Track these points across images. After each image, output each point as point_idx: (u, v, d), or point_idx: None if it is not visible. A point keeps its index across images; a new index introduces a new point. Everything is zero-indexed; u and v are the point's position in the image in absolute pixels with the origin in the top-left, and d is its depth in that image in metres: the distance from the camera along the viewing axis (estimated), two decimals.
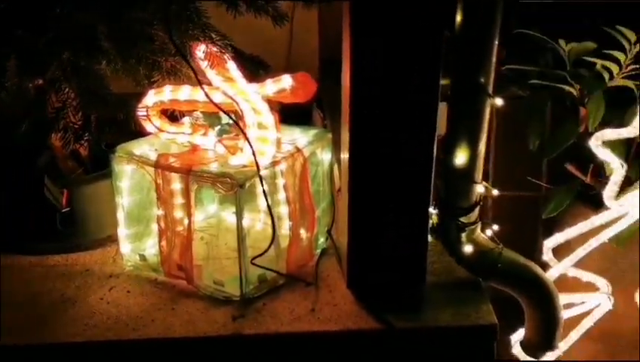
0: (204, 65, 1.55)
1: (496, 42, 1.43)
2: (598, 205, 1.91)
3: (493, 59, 1.45)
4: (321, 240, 1.76)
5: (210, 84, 1.57)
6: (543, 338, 1.68)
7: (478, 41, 1.43)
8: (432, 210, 1.55)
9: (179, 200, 1.58)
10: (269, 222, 1.57)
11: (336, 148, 1.70)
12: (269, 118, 1.52)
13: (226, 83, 1.57)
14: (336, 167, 1.74)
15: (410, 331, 1.50)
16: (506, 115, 2.52)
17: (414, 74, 1.38)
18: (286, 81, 1.58)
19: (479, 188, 1.55)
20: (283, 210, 1.63)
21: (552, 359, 1.96)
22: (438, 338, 1.52)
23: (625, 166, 1.82)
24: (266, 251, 1.54)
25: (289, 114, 1.82)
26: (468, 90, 1.46)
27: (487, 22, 1.42)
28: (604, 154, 1.79)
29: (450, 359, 1.53)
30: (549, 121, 2.31)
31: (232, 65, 1.57)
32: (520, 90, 2.13)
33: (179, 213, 1.58)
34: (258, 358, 1.51)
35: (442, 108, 1.46)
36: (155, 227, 1.65)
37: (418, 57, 1.37)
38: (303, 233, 1.67)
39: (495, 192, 1.61)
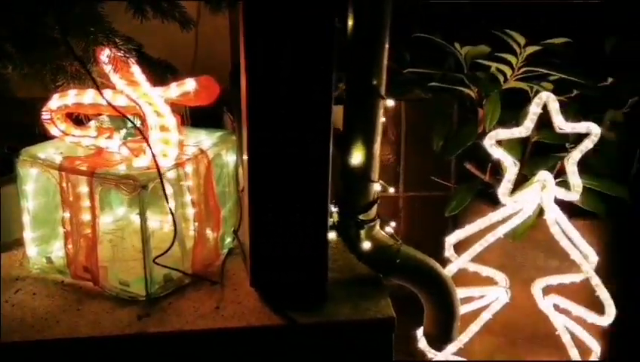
0: (108, 69, 1.57)
1: (387, 45, 1.48)
2: (497, 202, 1.98)
3: (385, 62, 1.50)
4: (228, 240, 1.79)
5: (115, 87, 1.59)
6: (442, 331, 1.73)
7: (369, 44, 1.47)
8: (332, 209, 1.59)
9: (84, 202, 1.58)
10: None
11: (240, 149, 1.73)
12: (171, 120, 1.54)
13: (130, 86, 1.58)
14: (241, 168, 1.77)
15: (312, 326, 1.53)
16: (413, 118, 2.62)
17: (308, 76, 1.40)
18: (190, 84, 1.61)
19: (376, 187, 1.59)
20: (189, 211, 1.65)
21: (453, 351, 2.04)
22: (339, 332, 1.55)
23: (518, 164, 1.89)
24: (167, 251, 1.55)
25: (201, 117, 1.85)
26: (361, 92, 1.51)
27: (377, 25, 1.46)
28: (498, 153, 1.86)
29: (351, 352, 1.57)
30: (453, 123, 2.39)
31: (136, 69, 1.59)
32: (423, 93, 2.20)
33: (85, 216, 1.59)
34: (163, 356, 1.52)
35: (338, 111, 1.51)
36: (61, 230, 1.65)
37: (311, 60, 1.39)
38: (208, 233, 1.70)
39: (392, 190, 1.66)
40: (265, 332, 1.52)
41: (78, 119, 1.69)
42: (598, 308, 2.00)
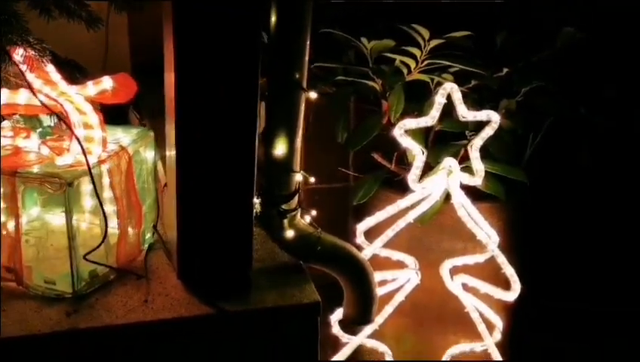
0: (23, 68, 1.56)
1: (308, 39, 1.54)
2: (403, 190, 2.06)
3: (306, 56, 1.56)
4: (148, 235, 1.80)
5: (30, 87, 1.58)
6: (361, 313, 1.79)
7: (292, 39, 1.53)
8: (255, 200, 1.63)
9: (4, 203, 1.57)
10: (95, 221, 1.61)
11: (158, 146, 1.75)
12: (93, 117, 1.55)
13: (47, 86, 1.58)
14: (159, 164, 1.79)
15: (241, 314, 1.57)
16: (315, 110, 2.67)
17: (235, 73, 1.44)
18: (107, 82, 1.62)
19: (298, 177, 1.65)
20: (110, 208, 1.66)
21: (367, 334, 2.12)
22: (267, 319, 1.60)
23: (425, 152, 1.98)
24: (98, 246, 1.56)
25: (105, 116, 1.85)
26: (284, 86, 1.56)
27: (299, 19, 1.52)
28: (407, 142, 1.94)
29: (279, 337, 1.62)
30: (353, 115, 2.47)
31: (51, 69, 1.59)
32: (327, 87, 2.26)
33: (5, 217, 1.58)
34: (95, 352, 1.52)
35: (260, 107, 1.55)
36: None
37: (238, 57, 1.43)
38: (130, 229, 1.70)
39: (312, 180, 1.71)
40: (196, 322, 1.55)
41: None
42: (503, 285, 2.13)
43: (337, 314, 2.11)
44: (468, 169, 2.04)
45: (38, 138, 1.62)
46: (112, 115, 1.83)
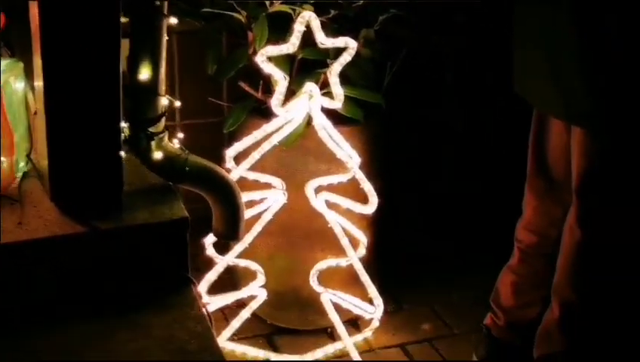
0: None
1: None
2: (271, 116, 2.16)
3: None
4: (22, 164, 1.85)
5: None
6: (229, 228, 1.87)
7: None
8: (124, 124, 1.71)
9: None
10: None
11: (28, 77, 1.80)
12: None
13: None
14: (30, 94, 1.84)
15: (113, 231, 1.66)
16: (186, 49, 2.75)
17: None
18: None
19: (163, 101, 1.72)
20: None
21: (238, 252, 2.23)
22: (139, 235, 1.69)
23: (287, 78, 2.09)
24: None
25: None
26: (147, 12, 1.63)
27: None
28: (269, 69, 2.04)
29: (151, 252, 1.71)
30: (225, 49, 2.55)
31: None
32: (196, 21, 2.33)
33: None
34: None
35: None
36: None
37: None
38: (3, 158, 1.75)
39: (178, 104, 1.79)
40: (69, 239, 1.64)
41: None
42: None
43: (210, 237, 2.21)
44: (329, 94, 2.15)
45: None
46: None
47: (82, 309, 1.64)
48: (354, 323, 2.60)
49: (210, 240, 2.23)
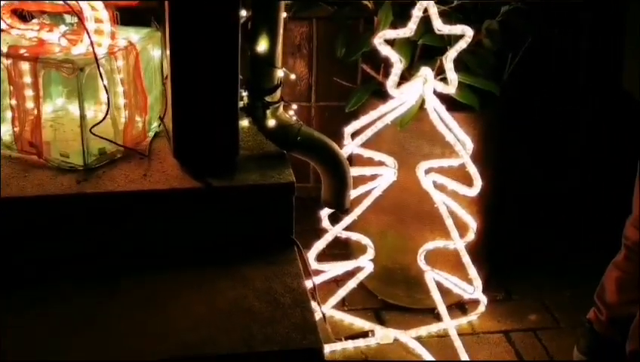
0: None
1: None
2: (388, 98, 2.24)
3: None
4: (154, 124, 2.01)
5: None
6: (335, 199, 1.96)
7: None
8: (242, 93, 1.83)
9: (29, 87, 1.79)
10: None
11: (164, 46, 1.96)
12: (104, 13, 1.76)
13: None
14: (165, 61, 1.99)
15: (225, 188, 1.78)
16: (323, 34, 2.87)
17: None
18: None
19: (279, 73, 1.83)
20: (120, 100, 1.86)
21: (348, 224, 2.31)
22: (249, 194, 1.80)
23: (403, 60, 2.15)
24: (103, 120, 1.79)
25: (131, 21, 2.04)
26: None
27: None
28: (386, 50, 2.12)
29: (258, 211, 1.81)
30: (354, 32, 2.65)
31: None
32: (329, 7, 2.45)
33: (29, 97, 1.80)
34: (98, 213, 1.74)
35: None
36: (9, 114, 1.85)
37: None
38: (137, 117, 1.92)
39: (293, 77, 1.90)
40: (185, 193, 1.76)
41: (22, 16, 1.89)
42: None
43: (326, 210, 2.31)
44: (445, 80, 2.21)
45: (59, 32, 1.83)
46: (135, 20, 2.03)
47: (190, 258, 1.77)
48: (461, 307, 2.65)
49: (325, 212, 2.32)
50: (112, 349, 1.52)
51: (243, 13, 1.77)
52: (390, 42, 2.18)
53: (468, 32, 2.13)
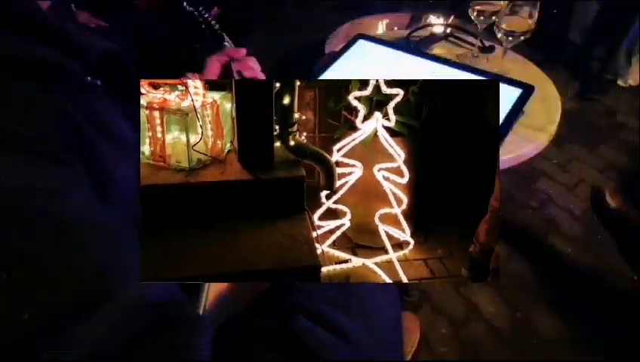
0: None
1: None
2: (356, 129, 2.26)
3: None
4: (228, 145, 2.01)
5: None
6: (328, 185, 1.98)
7: None
8: (275, 126, 1.86)
9: (158, 125, 1.83)
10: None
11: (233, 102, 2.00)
12: (199, 83, 1.80)
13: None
14: (233, 110, 2.04)
15: (266, 180, 1.81)
16: (322, 96, 2.87)
17: None
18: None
19: (296, 115, 1.85)
20: (209, 131, 1.90)
21: (336, 199, 2.33)
22: (279, 183, 1.81)
23: (365, 108, 2.18)
24: (199, 141, 1.83)
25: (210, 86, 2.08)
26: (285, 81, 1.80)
27: None
28: (355, 103, 2.15)
29: (286, 192, 1.83)
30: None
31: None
32: None
33: (159, 130, 1.85)
34: (199, 197, 1.77)
35: None
36: (147, 139, 1.88)
37: None
38: (218, 141, 1.96)
39: (304, 117, 1.94)
40: (246, 183, 1.79)
41: (154, 85, 1.96)
42: None
43: (323, 193, 2.34)
44: (389, 119, 2.24)
45: (175, 94, 1.91)
46: (217, 86, 2.07)
47: (250, 218, 1.80)
48: (400, 246, 2.64)
49: (322, 193, 2.36)
50: (207, 262, 1.57)
51: (277, 85, 1.79)
52: (358, 98, 2.24)
53: (400, 92, 2.18)
